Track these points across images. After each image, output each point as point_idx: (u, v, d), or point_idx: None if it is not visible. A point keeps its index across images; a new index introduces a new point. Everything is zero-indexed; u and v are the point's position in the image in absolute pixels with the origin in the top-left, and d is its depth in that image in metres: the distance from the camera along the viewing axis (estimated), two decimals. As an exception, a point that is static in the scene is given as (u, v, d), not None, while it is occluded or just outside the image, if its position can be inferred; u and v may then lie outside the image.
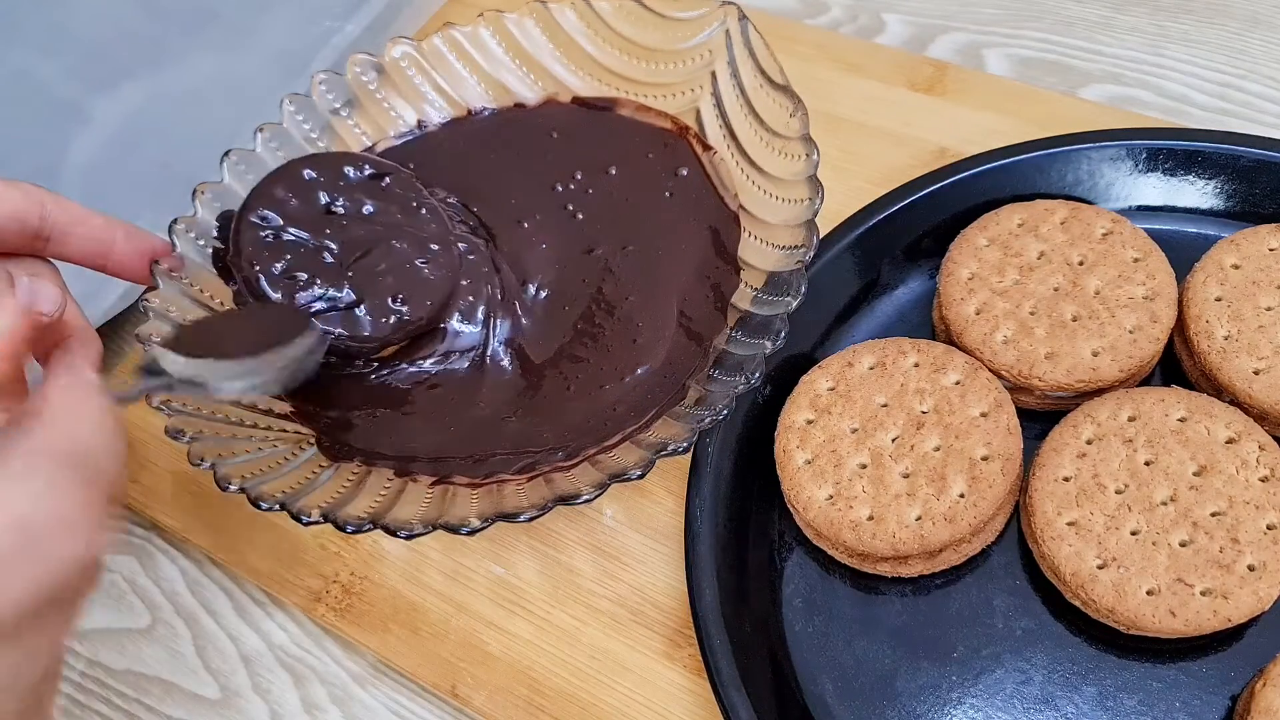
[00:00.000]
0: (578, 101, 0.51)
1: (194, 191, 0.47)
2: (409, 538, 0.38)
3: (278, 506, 0.38)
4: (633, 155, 0.50)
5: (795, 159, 0.44)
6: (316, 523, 0.38)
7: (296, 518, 0.38)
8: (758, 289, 0.45)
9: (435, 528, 0.38)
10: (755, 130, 0.47)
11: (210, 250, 0.47)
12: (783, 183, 0.45)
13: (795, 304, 0.41)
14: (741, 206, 0.48)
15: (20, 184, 0.39)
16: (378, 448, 0.44)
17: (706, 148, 0.49)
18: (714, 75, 0.49)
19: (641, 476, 0.38)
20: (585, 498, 0.38)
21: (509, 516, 0.38)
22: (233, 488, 0.38)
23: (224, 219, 0.47)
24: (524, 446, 0.43)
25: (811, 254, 0.41)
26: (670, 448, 0.39)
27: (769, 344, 0.40)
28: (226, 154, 0.48)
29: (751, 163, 0.47)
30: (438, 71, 0.52)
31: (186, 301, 0.45)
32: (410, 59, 0.52)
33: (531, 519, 0.38)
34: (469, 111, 0.53)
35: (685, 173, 0.49)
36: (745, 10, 0.48)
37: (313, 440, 0.44)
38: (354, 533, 0.38)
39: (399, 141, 0.53)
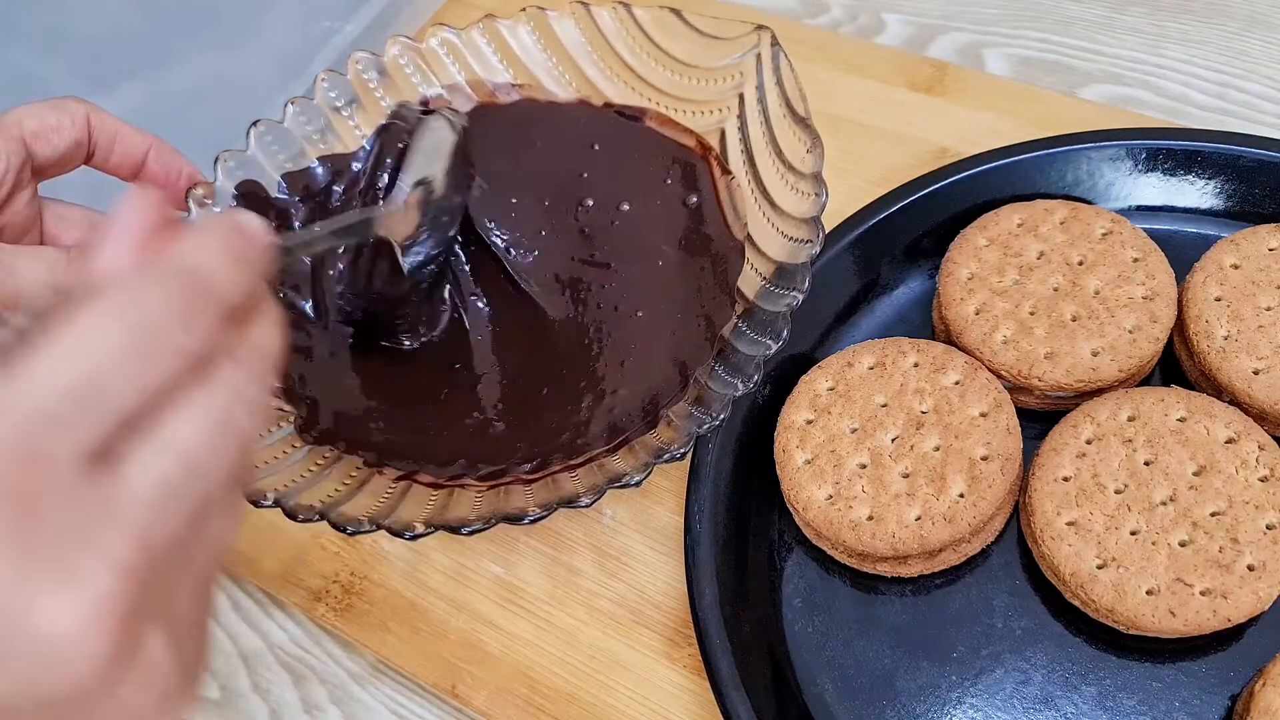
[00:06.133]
0: (609, 106, 0.51)
1: (216, 158, 0.47)
2: (353, 534, 0.38)
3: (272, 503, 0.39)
4: (653, 171, 0.50)
5: (805, 196, 0.43)
6: (269, 506, 0.38)
7: (254, 502, 0.38)
8: (740, 321, 0.44)
9: (379, 527, 0.38)
10: (773, 160, 0.46)
11: None
12: (788, 218, 0.45)
13: (775, 347, 0.40)
14: (748, 236, 0.47)
15: (65, 104, 0.41)
16: (354, 435, 0.44)
17: (725, 172, 0.48)
18: (741, 98, 0.48)
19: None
20: (531, 517, 0.38)
21: (453, 528, 0.38)
22: None
23: (243, 188, 0.47)
24: (496, 453, 0.44)
25: (801, 299, 0.41)
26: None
27: (740, 385, 0.40)
28: (255, 124, 0.48)
29: (765, 193, 0.47)
30: (474, 60, 0.52)
31: None
32: (447, 44, 0.52)
33: (473, 533, 0.38)
34: (496, 100, 0.52)
35: (701, 196, 0.49)
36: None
37: (291, 420, 0.44)
38: (305, 521, 0.38)
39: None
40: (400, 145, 0.45)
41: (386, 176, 0.46)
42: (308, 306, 0.48)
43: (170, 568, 0.22)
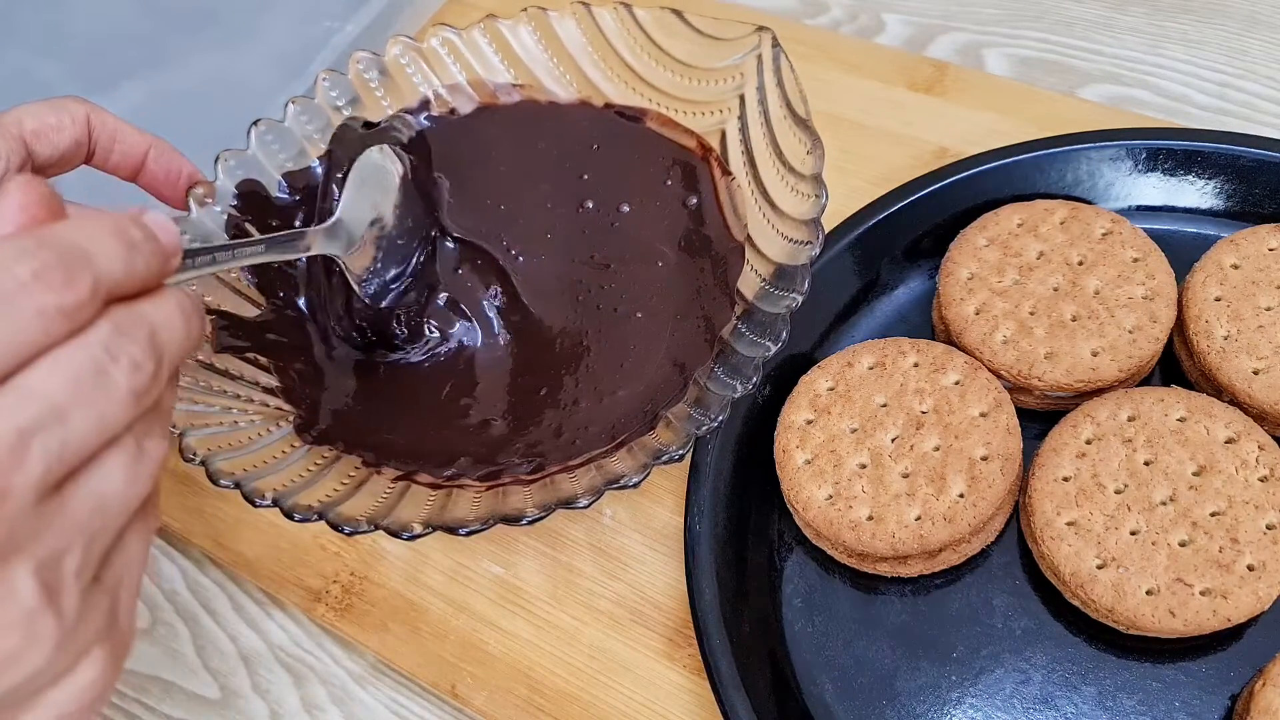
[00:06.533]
0: (609, 107, 0.51)
1: (217, 158, 0.47)
2: (351, 534, 0.38)
3: (270, 503, 0.39)
4: (654, 172, 0.50)
5: (805, 197, 0.43)
6: (267, 506, 0.38)
7: (252, 501, 0.38)
8: (740, 323, 0.44)
9: (378, 527, 0.38)
10: (773, 161, 0.46)
11: (225, 216, 0.47)
12: (788, 220, 0.45)
13: (774, 349, 0.40)
14: (748, 237, 0.47)
15: (65, 104, 0.41)
16: (353, 435, 0.44)
17: (726, 173, 0.48)
18: (742, 99, 0.48)
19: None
20: (529, 518, 0.38)
21: (451, 529, 0.38)
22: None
23: (243, 187, 0.47)
24: (494, 453, 0.44)
25: (801, 300, 0.41)
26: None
27: (739, 387, 0.40)
28: (255, 123, 0.48)
29: (765, 194, 0.47)
30: (475, 60, 0.52)
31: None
32: (448, 44, 0.52)
33: (471, 534, 0.38)
34: (497, 101, 0.52)
35: (701, 198, 0.49)
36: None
37: (290, 419, 0.44)
38: (303, 521, 0.38)
39: (424, 118, 0.52)
40: (340, 173, 0.46)
41: (331, 200, 0.46)
42: (302, 303, 0.48)
43: (37, 510, 0.23)
